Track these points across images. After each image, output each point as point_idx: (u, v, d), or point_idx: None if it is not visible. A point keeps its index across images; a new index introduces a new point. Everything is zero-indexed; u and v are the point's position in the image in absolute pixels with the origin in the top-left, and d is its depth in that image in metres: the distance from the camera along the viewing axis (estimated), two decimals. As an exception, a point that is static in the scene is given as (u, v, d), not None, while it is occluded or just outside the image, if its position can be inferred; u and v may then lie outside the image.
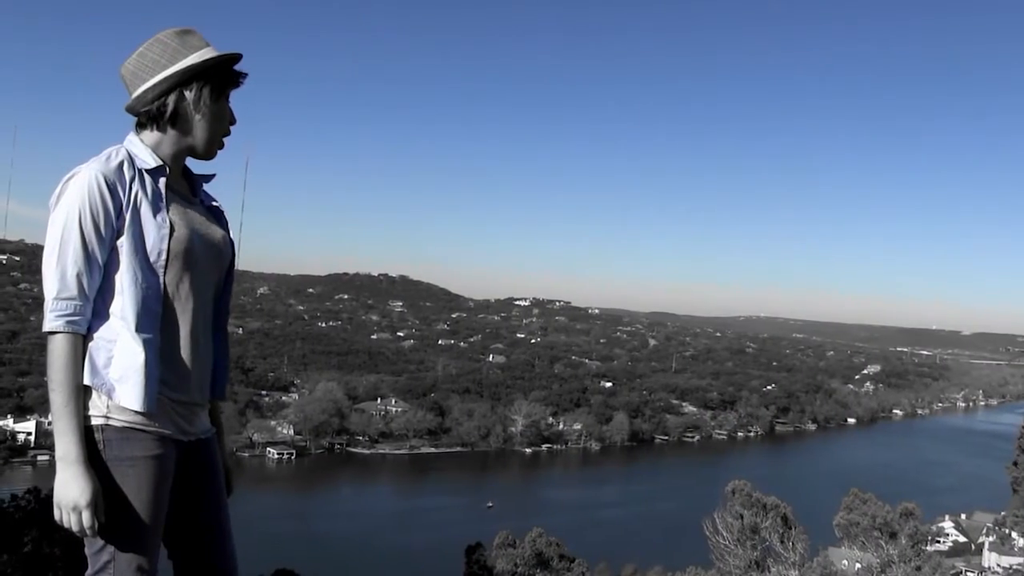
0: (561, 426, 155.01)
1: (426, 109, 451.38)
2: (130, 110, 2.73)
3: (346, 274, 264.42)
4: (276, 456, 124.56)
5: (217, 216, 2.97)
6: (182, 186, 2.86)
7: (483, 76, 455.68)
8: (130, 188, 2.60)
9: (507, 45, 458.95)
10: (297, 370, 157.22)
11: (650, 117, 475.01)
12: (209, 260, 2.81)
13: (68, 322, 2.54)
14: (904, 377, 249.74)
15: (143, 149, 2.71)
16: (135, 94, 2.70)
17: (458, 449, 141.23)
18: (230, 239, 2.97)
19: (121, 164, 2.62)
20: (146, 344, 2.59)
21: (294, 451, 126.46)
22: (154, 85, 2.67)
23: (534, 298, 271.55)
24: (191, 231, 2.72)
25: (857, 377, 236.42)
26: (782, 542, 9.29)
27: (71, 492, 2.49)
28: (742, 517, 9.47)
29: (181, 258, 2.67)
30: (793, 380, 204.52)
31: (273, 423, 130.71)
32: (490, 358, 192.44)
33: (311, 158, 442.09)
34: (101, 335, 2.61)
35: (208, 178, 2.98)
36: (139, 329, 2.58)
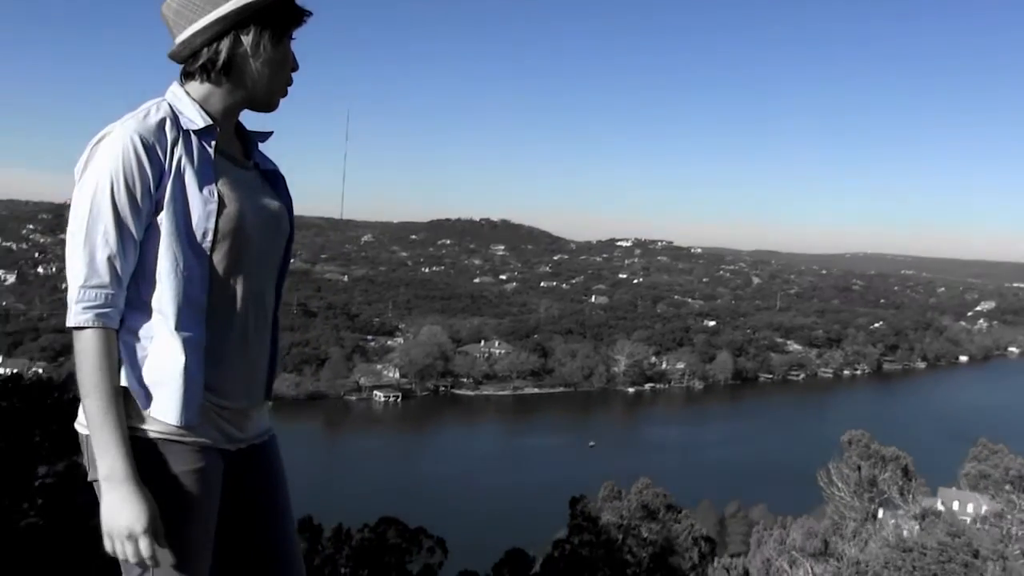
0: (664, 365, 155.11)
1: (524, 51, 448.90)
2: (174, 57, 2.30)
3: (448, 219, 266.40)
4: (383, 399, 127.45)
5: (275, 183, 2.52)
6: (235, 148, 2.43)
7: (573, 25, 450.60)
8: (171, 153, 2.19)
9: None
10: (401, 315, 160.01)
11: (761, 57, 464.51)
12: (265, 240, 2.38)
13: (98, 314, 2.13)
14: (1020, 314, 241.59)
15: (189, 104, 2.27)
16: (180, 39, 2.27)
17: (561, 389, 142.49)
18: (289, 210, 2.51)
19: (162, 123, 2.20)
20: (187, 344, 2.19)
21: (400, 394, 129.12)
22: (203, 28, 2.23)
23: (636, 238, 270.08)
24: (244, 205, 2.29)
25: (970, 314, 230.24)
26: (901, 494, 9.51)
27: (123, 518, 2.12)
28: (859, 468, 9.68)
29: (231, 238, 2.25)
30: (901, 317, 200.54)
31: (379, 367, 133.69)
32: (592, 299, 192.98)
33: (409, 102, 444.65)
34: (134, 330, 2.20)
35: (265, 136, 2.53)
36: (180, 326, 2.18)
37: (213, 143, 2.26)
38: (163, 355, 2.18)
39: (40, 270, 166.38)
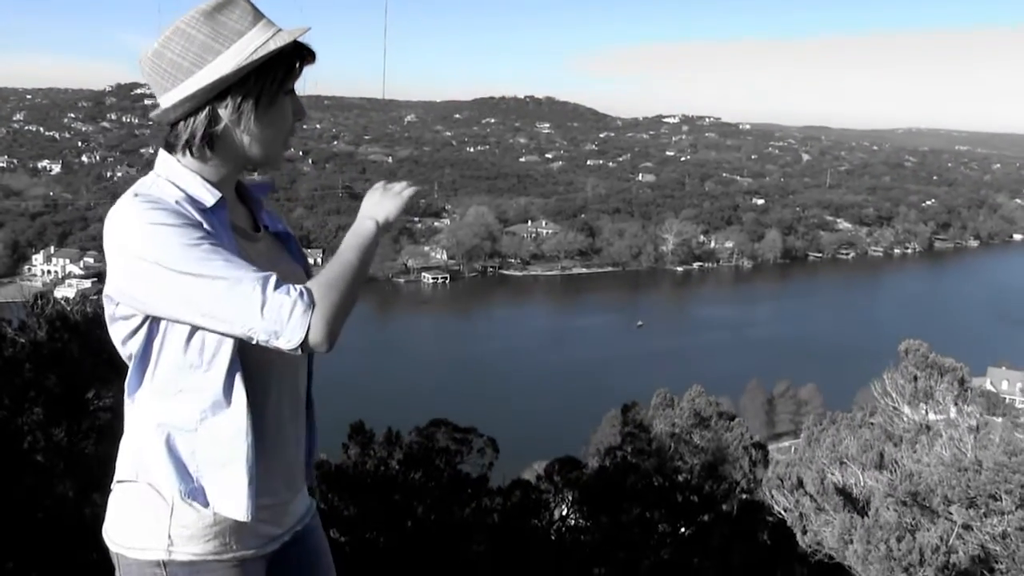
0: (712, 244, 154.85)
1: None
2: (159, 122, 2.01)
3: (492, 98, 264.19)
4: (431, 280, 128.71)
5: (287, 243, 2.26)
6: (240, 216, 2.15)
7: None
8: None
9: None
10: (447, 196, 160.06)
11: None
12: None
13: (295, 303, 1.79)
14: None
15: (191, 179, 1.99)
16: (156, 112, 1.99)
17: (609, 269, 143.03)
18: (307, 273, 2.20)
19: (178, 204, 1.91)
20: (240, 427, 1.96)
21: (448, 275, 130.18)
22: (175, 105, 1.94)
23: (683, 115, 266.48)
24: None
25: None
26: (956, 405, 9.57)
27: (391, 203, 2.25)
28: (915, 379, 9.72)
29: None
30: (955, 195, 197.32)
31: (426, 248, 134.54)
32: (639, 177, 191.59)
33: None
34: (170, 423, 1.96)
35: (267, 188, 2.26)
36: (230, 403, 1.95)
37: (227, 218, 2.00)
38: (217, 441, 1.96)
39: (84, 159, 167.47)
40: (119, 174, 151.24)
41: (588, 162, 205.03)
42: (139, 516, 2.01)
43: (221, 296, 1.78)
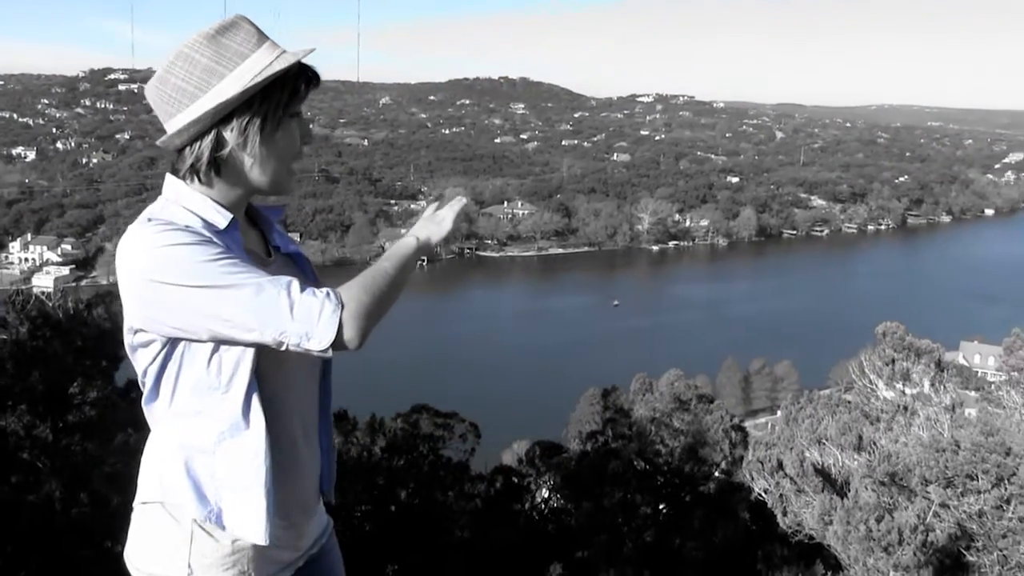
0: (688, 223, 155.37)
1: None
2: (165, 148, 2.00)
3: (466, 79, 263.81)
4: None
5: (299, 264, 2.22)
6: (252, 239, 2.13)
7: None
8: None
9: None
10: (423, 178, 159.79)
11: None
12: None
13: (328, 302, 1.81)
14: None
15: (203, 202, 1.96)
16: (163, 138, 1.96)
17: (585, 249, 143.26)
18: None
19: (191, 226, 1.89)
20: (259, 447, 1.95)
21: (425, 257, 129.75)
22: (180, 130, 1.92)
23: (657, 93, 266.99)
24: None
25: (997, 166, 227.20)
26: (933, 385, 9.71)
27: (436, 228, 2.28)
28: (893, 362, 9.85)
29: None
30: (927, 171, 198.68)
31: (403, 231, 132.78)
32: (614, 157, 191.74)
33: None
34: (190, 444, 1.95)
35: (278, 212, 2.23)
36: (248, 425, 1.94)
37: (241, 239, 1.98)
38: (235, 462, 1.94)
39: (59, 145, 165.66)
40: (95, 160, 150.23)
41: (563, 142, 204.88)
42: (159, 541, 1.99)
43: (249, 304, 1.76)
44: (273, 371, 1.95)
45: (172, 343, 1.90)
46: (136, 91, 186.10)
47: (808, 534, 8.44)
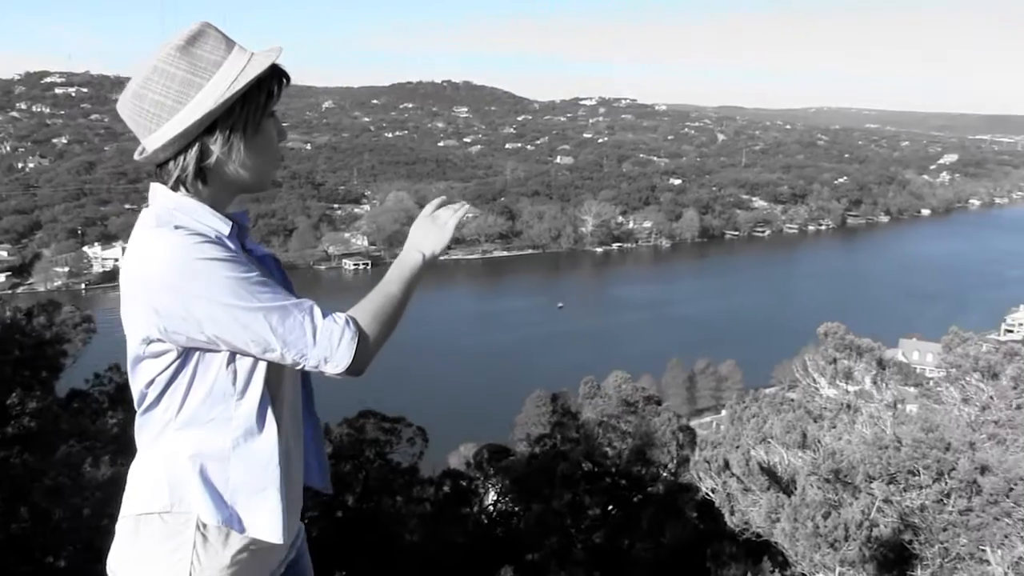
0: (631, 224, 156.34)
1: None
2: (147, 163, 1.99)
3: (409, 83, 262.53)
4: (352, 267, 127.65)
5: (270, 267, 2.19)
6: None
7: None
8: None
9: None
10: (367, 182, 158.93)
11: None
12: None
13: (343, 330, 1.92)
14: (983, 166, 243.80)
15: (203, 210, 1.98)
16: (143, 154, 1.97)
17: (529, 251, 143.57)
18: (290, 291, 2.11)
19: (217, 241, 1.93)
20: (274, 448, 2.00)
21: (369, 261, 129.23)
22: (164, 146, 1.92)
23: (600, 97, 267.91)
24: None
25: (932, 167, 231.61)
26: (875, 383, 9.87)
27: (438, 235, 2.30)
28: (835, 361, 10.01)
29: None
30: (866, 172, 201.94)
31: (347, 235, 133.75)
32: (558, 160, 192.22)
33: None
34: (203, 452, 1.96)
35: (245, 216, 2.17)
36: (262, 430, 1.98)
37: (239, 244, 2.02)
38: (252, 466, 1.97)
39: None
40: (31, 165, 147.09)
41: (506, 145, 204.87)
42: (158, 551, 1.97)
43: (275, 327, 1.83)
44: (275, 374, 1.99)
45: (187, 353, 1.91)
46: (74, 95, 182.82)
47: (756, 532, 8.54)
